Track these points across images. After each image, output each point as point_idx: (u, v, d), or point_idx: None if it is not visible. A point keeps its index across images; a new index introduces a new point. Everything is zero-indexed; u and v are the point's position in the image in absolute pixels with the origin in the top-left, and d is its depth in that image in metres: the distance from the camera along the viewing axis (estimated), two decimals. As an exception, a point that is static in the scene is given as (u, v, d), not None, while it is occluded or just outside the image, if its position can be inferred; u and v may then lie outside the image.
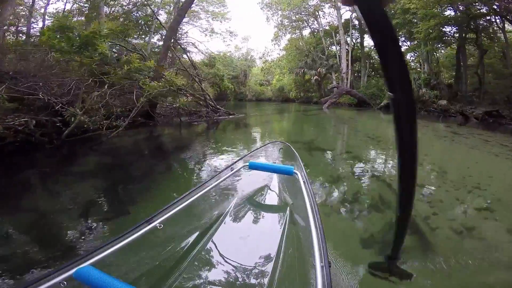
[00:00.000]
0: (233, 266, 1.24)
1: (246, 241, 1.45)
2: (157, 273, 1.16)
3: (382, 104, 17.87)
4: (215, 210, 1.67)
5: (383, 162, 5.32)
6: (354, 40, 26.43)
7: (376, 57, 27.50)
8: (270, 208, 1.85)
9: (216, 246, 1.37)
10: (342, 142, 7.76)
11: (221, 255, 1.32)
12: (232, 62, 30.32)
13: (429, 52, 17.87)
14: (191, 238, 1.38)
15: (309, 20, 29.03)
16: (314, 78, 22.54)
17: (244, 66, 38.48)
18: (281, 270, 1.19)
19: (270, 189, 2.02)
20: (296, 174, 1.74)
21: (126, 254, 1.05)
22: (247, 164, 1.81)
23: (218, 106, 11.86)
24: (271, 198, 1.95)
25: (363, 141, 7.43)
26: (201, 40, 31.85)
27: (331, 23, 27.95)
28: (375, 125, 11.48)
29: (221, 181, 1.68)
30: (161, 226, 1.15)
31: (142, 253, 1.18)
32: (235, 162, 2.01)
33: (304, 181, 1.63)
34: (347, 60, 23.40)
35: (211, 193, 1.69)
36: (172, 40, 12.49)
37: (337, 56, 24.87)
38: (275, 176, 2.12)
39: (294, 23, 29.43)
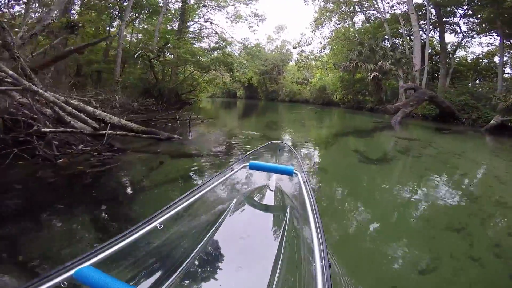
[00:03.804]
0: (233, 266, 1.23)
1: (246, 241, 1.39)
2: (158, 273, 1.11)
3: (493, 122, 10.89)
4: (215, 210, 1.64)
5: None
6: (426, 32, 19.35)
7: (464, 53, 20.12)
8: (270, 208, 1.77)
9: (216, 246, 1.35)
10: None
11: (221, 255, 1.30)
12: (260, 52, 24.49)
13: None
14: (191, 238, 1.36)
15: (363, 4, 22.27)
16: (372, 75, 16.04)
17: (277, 60, 32.81)
18: (281, 270, 1.16)
19: (270, 189, 1.92)
20: (296, 174, 1.74)
21: (126, 254, 1.02)
22: (247, 164, 1.80)
23: (103, 116, 4.67)
24: (271, 198, 1.85)
25: None
26: (221, 26, 26.19)
27: (395, 7, 21.18)
28: None
29: (221, 181, 1.66)
30: (161, 226, 1.12)
31: (142, 253, 1.15)
32: (236, 162, 1.99)
33: (304, 182, 1.63)
34: (423, 54, 16.57)
35: (211, 193, 1.60)
36: None
37: (406, 49, 18.10)
38: (275, 176, 2.02)
39: (342, 7, 22.83)
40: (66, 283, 0.79)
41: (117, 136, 4.46)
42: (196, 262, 1.20)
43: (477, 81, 19.57)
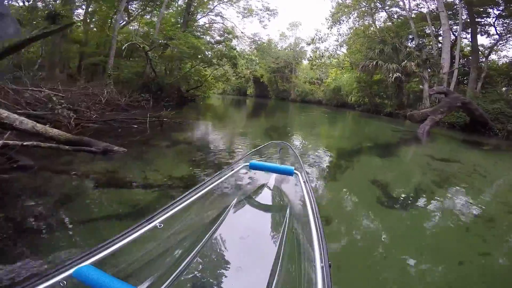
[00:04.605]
0: (233, 266, 1.20)
1: (246, 241, 1.36)
2: (157, 273, 1.09)
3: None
4: (215, 210, 1.61)
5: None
6: (456, 32, 17.55)
7: (496, 56, 18.24)
8: (271, 208, 1.75)
9: (216, 246, 1.33)
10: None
11: (221, 255, 1.28)
12: (270, 49, 23.11)
13: None
14: (191, 238, 1.34)
15: (386, 1, 20.53)
16: (394, 76, 14.56)
17: (290, 58, 31.42)
18: (281, 270, 1.15)
19: (271, 189, 1.89)
20: (297, 174, 1.74)
21: (126, 254, 1.03)
22: (248, 164, 1.80)
23: None
24: (272, 198, 1.83)
25: None
26: (231, 20, 25.05)
27: (421, 5, 19.39)
28: None
29: (222, 181, 1.66)
30: (161, 225, 1.13)
31: (142, 253, 1.15)
32: (236, 162, 1.98)
33: (304, 181, 1.63)
34: (453, 55, 14.93)
35: (211, 193, 1.61)
36: None
37: (433, 50, 16.44)
38: (275, 176, 2.00)
39: (362, 4, 21.14)
40: (65, 282, 0.78)
41: (36, 149, 3.27)
42: (196, 262, 1.17)
43: (504, 88, 17.80)
